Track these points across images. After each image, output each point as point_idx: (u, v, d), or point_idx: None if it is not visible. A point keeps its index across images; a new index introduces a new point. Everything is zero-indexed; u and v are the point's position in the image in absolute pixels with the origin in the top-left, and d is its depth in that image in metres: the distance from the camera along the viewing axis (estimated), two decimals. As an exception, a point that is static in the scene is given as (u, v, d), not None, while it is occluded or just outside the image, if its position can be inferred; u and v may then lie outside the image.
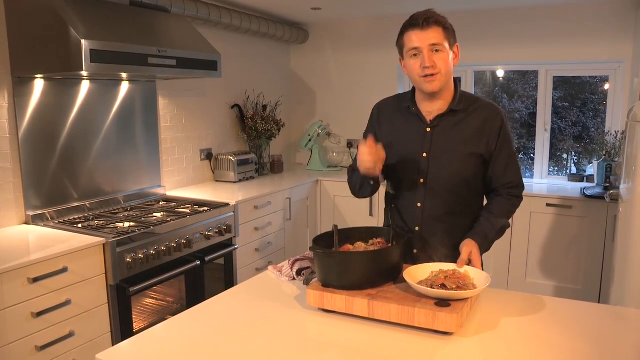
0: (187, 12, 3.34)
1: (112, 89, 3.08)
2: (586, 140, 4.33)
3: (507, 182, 1.81)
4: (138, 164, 3.29)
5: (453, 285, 1.44)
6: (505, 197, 1.82)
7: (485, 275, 1.53)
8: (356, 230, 1.75)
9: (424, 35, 1.66)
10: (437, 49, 1.67)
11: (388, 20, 4.43)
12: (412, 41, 1.68)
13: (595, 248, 3.52)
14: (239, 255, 3.30)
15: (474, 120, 1.77)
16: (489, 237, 1.75)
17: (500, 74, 4.51)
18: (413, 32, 1.68)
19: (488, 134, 1.76)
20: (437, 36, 1.66)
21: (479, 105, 1.79)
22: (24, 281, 2.09)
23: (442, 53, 1.68)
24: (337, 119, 4.85)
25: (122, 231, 2.52)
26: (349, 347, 1.35)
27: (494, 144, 1.76)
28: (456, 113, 1.77)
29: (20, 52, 2.52)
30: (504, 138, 1.77)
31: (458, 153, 1.76)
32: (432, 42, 1.66)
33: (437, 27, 1.67)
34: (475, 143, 1.76)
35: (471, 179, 1.79)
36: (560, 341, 1.35)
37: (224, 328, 1.46)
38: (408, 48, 1.70)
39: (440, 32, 1.67)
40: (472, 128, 1.76)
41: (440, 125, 1.77)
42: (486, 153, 1.77)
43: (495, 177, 1.81)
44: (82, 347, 2.33)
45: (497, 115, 1.77)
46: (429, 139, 1.78)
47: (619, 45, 3.74)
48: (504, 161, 1.79)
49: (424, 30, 1.66)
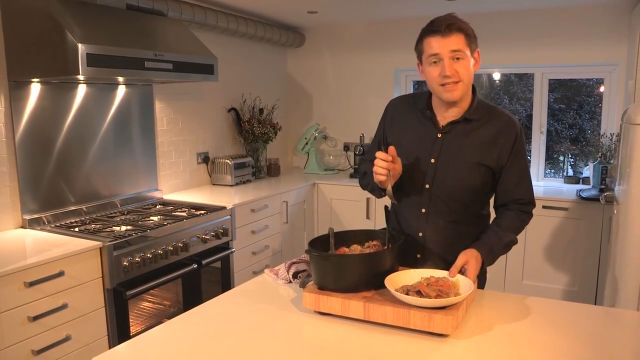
0: (184, 16, 3.35)
1: (108, 93, 3.08)
2: (582, 143, 4.34)
3: (518, 199, 1.76)
4: (135, 168, 3.29)
5: (432, 293, 1.41)
6: (515, 212, 1.77)
7: (469, 283, 1.50)
8: (352, 233, 1.75)
9: (445, 42, 1.59)
10: (458, 56, 1.60)
11: (384, 24, 4.45)
12: (432, 47, 1.61)
13: (591, 250, 3.53)
14: (236, 259, 3.30)
15: (487, 130, 1.71)
16: (494, 251, 1.70)
17: (496, 77, 4.53)
18: (434, 38, 1.60)
19: (500, 147, 1.70)
20: (459, 43, 1.59)
21: (494, 116, 1.73)
22: (20, 285, 2.09)
23: (463, 60, 1.61)
24: (334, 122, 4.86)
25: (118, 235, 2.52)
26: (344, 349, 1.35)
27: (506, 158, 1.71)
28: (470, 121, 1.71)
29: (16, 56, 2.52)
30: (517, 153, 1.71)
31: (466, 162, 1.71)
32: (453, 49, 1.59)
33: (459, 34, 1.60)
34: (485, 154, 1.70)
35: (478, 189, 1.75)
36: (556, 343, 1.36)
37: (221, 331, 1.47)
38: (427, 54, 1.63)
39: (463, 39, 1.60)
40: (484, 138, 1.70)
41: (452, 132, 1.72)
42: (496, 166, 1.71)
43: (506, 193, 1.76)
44: (79, 351, 2.33)
45: (512, 128, 1.71)
46: (439, 145, 1.73)
47: (614, 48, 3.76)
48: (515, 176, 1.73)
49: (446, 37, 1.59)
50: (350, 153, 4.71)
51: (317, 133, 4.72)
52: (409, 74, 4.58)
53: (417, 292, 1.43)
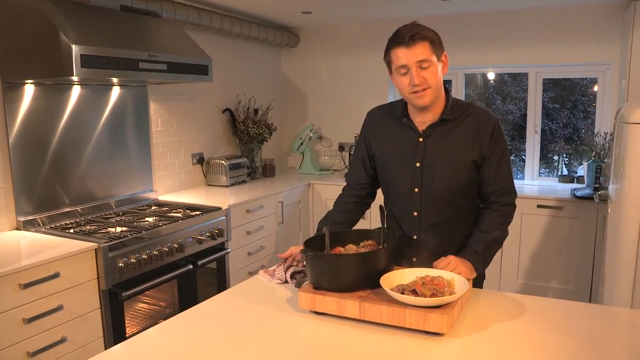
0: (178, 17, 3.34)
1: (103, 94, 3.07)
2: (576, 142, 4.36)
3: (498, 188, 1.78)
4: (130, 169, 3.28)
5: (427, 292, 1.42)
6: (495, 210, 1.79)
7: (464, 281, 1.51)
8: (347, 233, 1.77)
9: (410, 52, 1.63)
10: (424, 65, 1.64)
11: (379, 24, 4.46)
12: (399, 59, 1.66)
13: (586, 248, 3.55)
14: (231, 259, 3.30)
15: (466, 127, 1.75)
16: (479, 253, 1.72)
17: (491, 77, 4.54)
18: (400, 50, 1.65)
19: (481, 139, 1.74)
20: (424, 52, 1.63)
21: (471, 112, 1.77)
22: (15, 287, 2.08)
23: (430, 67, 1.65)
24: (329, 123, 4.86)
25: (114, 236, 2.52)
26: (340, 348, 1.36)
27: (487, 148, 1.74)
28: (448, 122, 1.75)
29: (10, 58, 2.51)
30: (495, 142, 1.75)
31: (451, 162, 1.74)
32: (419, 59, 1.63)
33: (423, 43, 1.63)
34: (468, 150, 1.74)
35: (466, 187, 1.78)
36: (551, 341, 1.37)
37: (217, 332, 1.47)
38: (396, 65, 1.68)
39: (427, 47, 1.64)
40: (464, 135, 1.74)
41: (432, 135, 1.76)
42: (479, 159, 1.75)
43: (485, 182, 1.79)
44: (75, 352, 2.32)
45: (489, 120, 1.75)
46: (422, 149, 1.77)
47: (607, 48, 3.78)
48: (494, 165, 1.76)
49: (410, 47, 1.63)
50: (345, 153, 4.72)
51: (312, 133, 4.73)
52: (404, 74, 4.58)
53: (413, 291, 1.43)
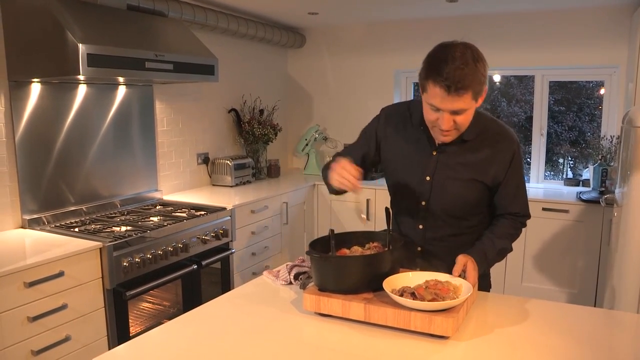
0: (184, 17, 3.35)
1: (109, 93, 3.08)
2: (582, 145, 4.34)
3: (514, 212, 1.76)
4: (135, 168, 3.29)
5: (427, 296, 1.40)
6: (509, 220, 1.76)
7: (468, 285, 1.50)
8: (353, 235, 1.75)
9: (449, 100, 1.48)
10: (460, 113, 1.53)
11: (385, 26, 4.45)
12: (435, 100, 1.51)
13: (591, 252, 3.53)
14: (236, 260, 3.30)
15: (484, 149, 1.67)
16: (488, 256, 1.69)
17: (497, 79, 4.53)
18: (439, 91, 1.47)
19: (497, 165, 1.67)
20: (464, 103, 1.49)
21: (492, 134, 1.68)
22: (20, 285, 2.08)
23: (465, 113, 1.54)
24: (334, 124, 4.86)
25: (118, 235, 2.52)
26: (345, 351, 1.35)
27: (503, 175, 1.68)
28: (466, 141, 1.67)
29: (16, 56, 2.52)
30: (514, 169, 1.69)
31: (462, 179, 1.69)
32: (455, 110, 1.51)
33: (467, 94, 1.47)
34: (481, 172, 1.68)
35: (474, 204, 1.74)
36: (556, 345, 1.36)
37: (221, 332, 1.46)
38: (429, 99, 1.53)
39: (469, 97, 1.49)
40: (480, 157, 1.67)
41: (447, 151, 1.69)
42: (492, 183, 1.69)
43: (502, 206, 1.75)
44: (78, 351, 2.33)
45: (509, 146, 1.68)
46: (434, 163, 1.71)
47: (614, 51, 3.77)
48: (511, 192, 1.72)
49: (452, 96, 1.47)
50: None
51: (317, 134, 4.72)
52: (409, 75, 4.57)
53: (412, 294, 1.42)
